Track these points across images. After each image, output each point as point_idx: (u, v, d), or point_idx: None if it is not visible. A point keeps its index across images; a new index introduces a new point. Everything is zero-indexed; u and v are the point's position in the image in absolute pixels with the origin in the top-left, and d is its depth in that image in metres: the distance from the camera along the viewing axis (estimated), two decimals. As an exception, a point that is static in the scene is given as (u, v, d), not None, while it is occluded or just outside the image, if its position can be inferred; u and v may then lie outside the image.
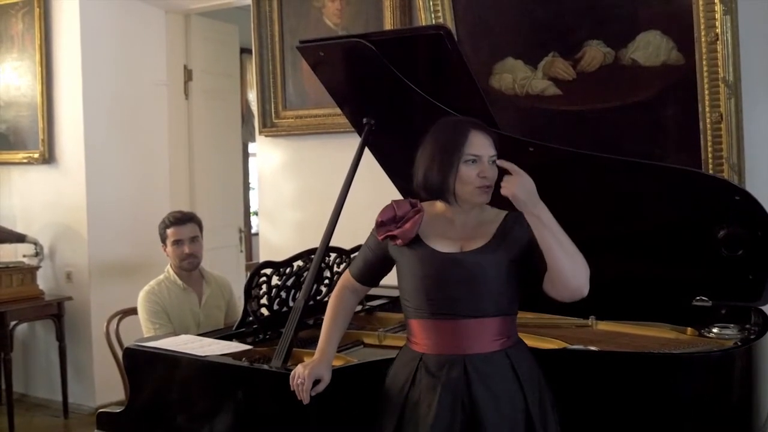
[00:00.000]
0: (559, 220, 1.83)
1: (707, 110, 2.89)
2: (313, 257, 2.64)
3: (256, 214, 6.19)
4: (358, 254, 2.17)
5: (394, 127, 2.53)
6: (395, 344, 2.47)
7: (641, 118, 3.03)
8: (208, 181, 5.30)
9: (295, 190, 4.26)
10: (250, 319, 2.65)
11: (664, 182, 2.35)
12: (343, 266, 2.97)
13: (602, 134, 3.08)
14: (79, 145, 4.67)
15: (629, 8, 3.00)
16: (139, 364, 2.50)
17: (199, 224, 3.28)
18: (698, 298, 2.45)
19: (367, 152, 2.59)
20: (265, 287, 2.67)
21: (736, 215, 2.28)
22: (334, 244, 2.58)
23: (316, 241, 2.50)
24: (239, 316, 2.74)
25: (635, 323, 2.59)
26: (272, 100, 4.22)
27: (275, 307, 2.69)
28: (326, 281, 2.91)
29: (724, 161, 2.90)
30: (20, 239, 4.80)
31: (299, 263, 2.77)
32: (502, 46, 3.26)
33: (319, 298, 2.84)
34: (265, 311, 2.68)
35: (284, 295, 2.72)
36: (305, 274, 2.70)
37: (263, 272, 2.68)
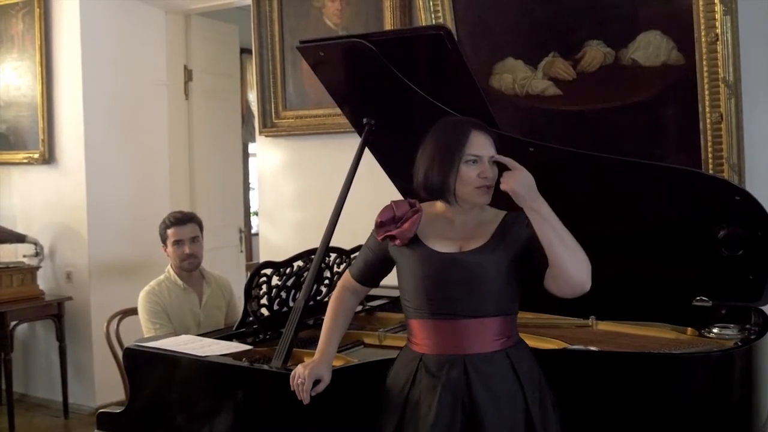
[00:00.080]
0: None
1: (707, 110, 2.89)
2: (313, 257, 2.64)
3: (256, 214, 6.19)
4: (358, 255, 2.17)
5: (394, 127, 2.53)
6: (395, 344, 2.47)
7: (641, 118, 3.03)
8: (208, 181, 5.30)
9: (295, 190, 4.26)
10: (250, 319, 2.65)
11: (664, 182, 2.34)
12: (343, 266, 2.97)
13: (602, 134, 3.08)
14: (79, 145, 4.67)
15: (629, 8, 3.00)
16: (139, 364, 2.50)
17: (199, 224, 3.28)
18: (698, 298, 2.45)
19: (367, 152, 2.58)
20: (265, 287, 2.67)
21: (736, 215, 2.28)
22: (334, 244, 2.58)
23: (316, 241, 2.51)
24: (239, 316, 2.74)
25: (635, 323, 2.58)
26: (272, 100, 4.22)
27: (275, 307, 2.69)
28: (326, 281, 2.91)
29: (724, 161, 2.90)
30: (20, 239, 4.80)
31: (299, 263, 2.77)
32: (502, 46, 3.26)
33: (319, 298, 2.85)
34: (265, 311, 2.68)
35: (284, 295, 2.72)
36: (305, 274, 2.70)
37: (263, 272, 2.68)
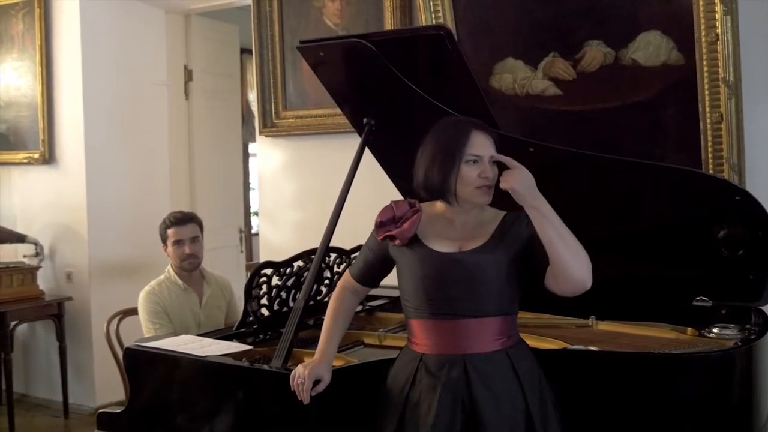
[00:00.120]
0: (559, 219, 1.82)
1: (707, 110, 2.89)
2: (313, 257, 2.64)
3: (256, 214, 6.19)
4: (358, 255, 2.17)
5: (394, 127, 2.53)
6: (395, 344, 2.47)
7: (641, 118, 3.03)
8: (208, 181, 5.30)
9: (295, 190, 4.26)
10: (250, 319, 2.65)
11: (664, 182, 2.34)
12: (343, 266, 2.97)
13: (602, 134, 3.08)
14: (79, 145, 4.67)
15: (629, 8, 3.00)
16: (139, 364, 2.50)
17: (199, 224, 3.28)
18: (698, 298, 2.45)
19: (367, 152, 2.58)
20: (265, 287, 2.67)
21: (736, 215, 2.28)
22: (334, 244, 2.58)
23: (316, 241, 2.51)
24: (240, 316, 2.74)
25: (635, 323, 2.58)
26: (272, 100, 4.22)
27: (275, 307, 2.69)
28: (326, 281, 2.91)
29: (724, 161, 2.90)
30: (20, 239, 4.80)
31: (299, 263, 2.77)
32: (502, 46, 3.26)
33: (319, 298, 2.84)
34: (265, 311, 2.68)
35: (284, 295, 2.72)
36: (305, 274, 2.70)
37: (263, 272, 2.68)
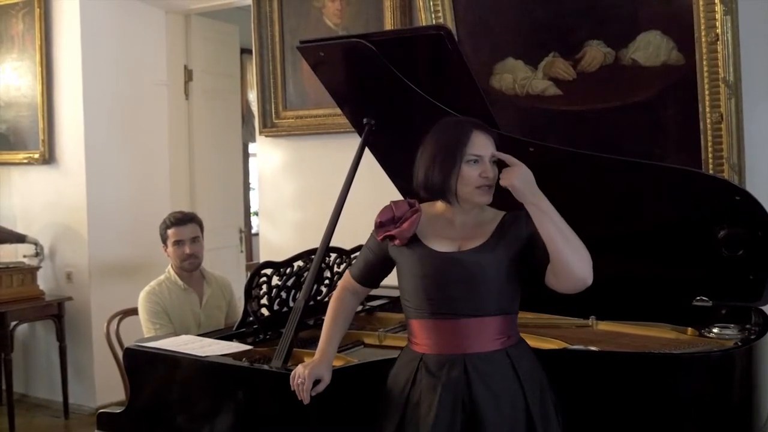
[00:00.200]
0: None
1: (707, 110, 2.89)
2: (313, 257, 2.64)
3: (256, 214, 6.19)
4: (358, 255, 2.17)
5: (394, 127, 2.53)
6: (395, 344, 2.47)
7: (641, 118, 3.03)
8: (208, 181, 5.30)
9: (295, 190, 4.26)
10: (250, 319, 2.65)
11: (664, 182, 2.34)
12: (343, 266, 2.97)
13: (602, 134, 3.08)
14: (79, 145, 4.67)
15: (629, 8, 3.00)
16: (139, 364, 2.50)
17: (199, 224, 3.28)
18: (698, 298, 2.45)
19: (367, 152, 2.58)
20: (265, 287, 2.67)
21: (736, 215, 2.28)
22: (334, 244, 2.58)
23: (316, 241, 2.50)
24: (240, 316, 2.74)
25: (635, 323, 2.58)
26: (272, 100, 4.22)
27: (275, 307, 2.69)
28: (326, 281, 2.91)
29: (724, 161, 2.90)
30: (20, 239, 4.80)
31: (299, 263, 2.77)
32: (502, 46, 3.26)
33: (319, 298, 2.85)
34: (265, 311, 2.68)
35: (284, 295, 2.72)
36: (305, 274, 2.70)
37: (263, 272, 2.68)
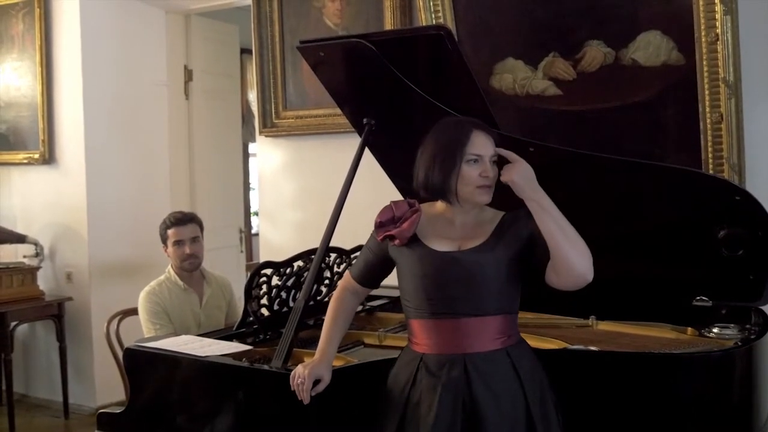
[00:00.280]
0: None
1: (707, 110, 2.89)
2: (313, 257, 2.64)
3: (256, 214, 6.19)
4: (359, 256, 2.17)
5: (394, 127, 2.53)
6: (395, 344, 2.47)
7: (641, 118, 3.03)
8: (208, 181, 5.30)
9: (295, 190, 4.26)
10: (250, 319, 2.65)
11: (664, 182, 2.34)
12: (343, 266, 2.97)
13: (602, 134, 3.08)
14: (79, 145, 4.67)
15: (629, 8, 3.00)
16: (139, 364, 2.50)
17: (199, 225, 3.28)
18: (698, 298, 2.45)
19: (367, 152, 2.58)
20: (265, 287, 2.67)
21: (736, 215, 2.28)
22: (334, 244, 2.58)
23: (316, 241, 2.50)
24: (240, 316, 2.74)
25: (635, 323, 2.58)
26: (272, 100, 4.22)
27: (275, 307, 2.69)
28: (326, 281, 2.91)
29: (724, 161, 2.90)
30: (20, 240, 4.80)
31: (299, 263, 2.77)
32: (502, 46, 3.26)
33: (319, 298, 2.84)
34: (265, 311, 2.68)
35: (284, 295, 2.72)
36: (305, 274, 2.70)
37: (263, 272, 2.68)
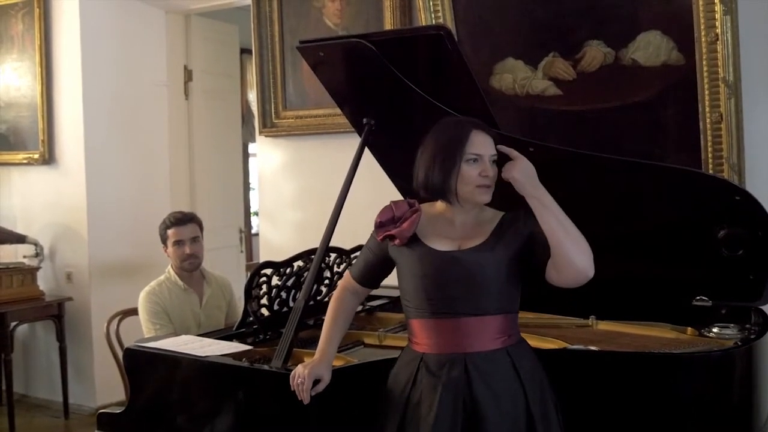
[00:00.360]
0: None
1: (707, 110, 2.89)
2: (313, 257, 2.64)
3: (256, 214, 6.19)
4: (359, 256, 2.17)
5: (394, 127, 2.53)
6: (395, 344, 2.47)
7: (641, 118, 3.03)
8: (208, 181, 5.30)
9: (295, 190, 4.26)
10: (250, 319, 2.65)
11: (664, 182, 2.34)
12: (343, 266, 2.97)
13: (602, 134, 3.08)
14: (79, 145, 4.67)
15: (629, 8, 3.00)
16: (139, 364, 2.50)
17: (199, 225, 3.28)
18: (698, 298, 2.45)
19: (367, 152, 2.58)
20: (265, 287, 2.67)
21: (736, 215, 2.28)
22: (334, 244, 2.58)
23: (316, 241, 2.50)
24: (240, 316, 2.74)
25: (636, 323, 2.58)
26: (272, 100, 4.21)
27: (275, 307, 2.69)
28: (326, 281, 2.91)
29: (724, 161, 2.90)
30: (20, 240, 4.80)
31: (299, 263, 2.77)
32: (502, 46, 3.26)
33: (319, 298, 2.84)
34: (265, 311, 2.68)
35: (284, 295, 2.72)
36: (305, 274, 2.70)
37: (263, 272, 2.68)
